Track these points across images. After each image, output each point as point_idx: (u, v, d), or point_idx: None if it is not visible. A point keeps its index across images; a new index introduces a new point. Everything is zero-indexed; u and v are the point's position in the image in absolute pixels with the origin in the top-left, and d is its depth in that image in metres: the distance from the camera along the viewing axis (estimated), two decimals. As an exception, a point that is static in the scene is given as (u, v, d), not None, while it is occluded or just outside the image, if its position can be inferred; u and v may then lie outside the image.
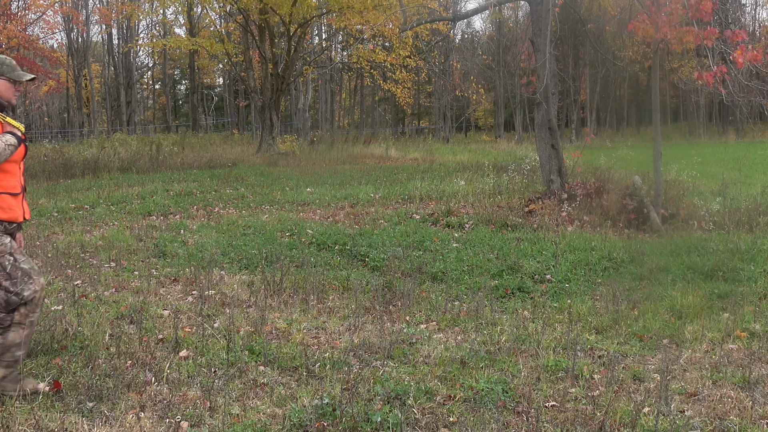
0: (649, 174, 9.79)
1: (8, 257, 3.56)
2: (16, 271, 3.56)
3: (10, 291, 3.53)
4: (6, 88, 3.67)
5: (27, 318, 3.59)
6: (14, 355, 3.59)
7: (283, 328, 4.91)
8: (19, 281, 3.56)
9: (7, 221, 3.58)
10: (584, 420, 3.42)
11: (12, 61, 3.72)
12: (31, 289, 3.57)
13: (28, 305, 3.58)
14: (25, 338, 3.61)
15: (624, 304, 5.48)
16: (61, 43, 42.31)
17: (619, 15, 23.84)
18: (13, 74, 3.68)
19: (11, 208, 3.60)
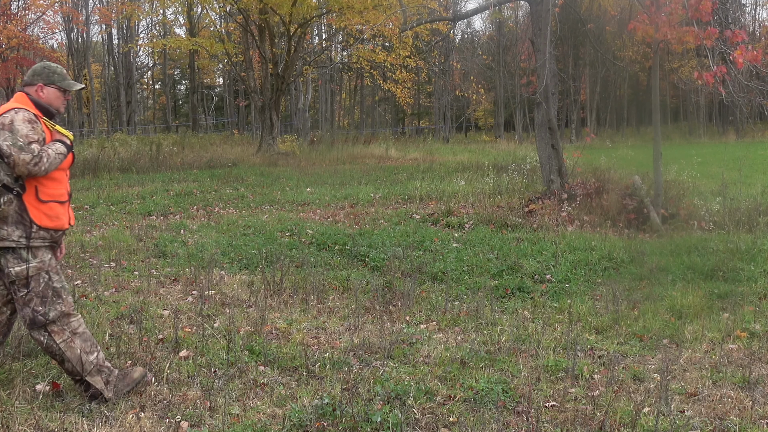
0: (649, 174, 9.79)
1: (44, 275, 3.52)
2: (48, 290, 3.52)
3: (36, 310, 3.49)
4: (56, 96, 3.68)
5: (65, 332, 3.54)
6: (90, 362, 3.56)
7: (283, 328, 4.91)
8: (49, 301, 3.51)
9: (54, 229, 3.56)
10: (584, 420, 3.42)
11: (63, 70, 3.74)
12: (57, 310, 3.52)
13: (57, 323, 3.53)
14: (82, 344, 3.56)
15: (624, 304, 5.48)
16: (61, 43, 42.31)
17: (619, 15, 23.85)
18: (63, 83, 3.70)
19: (58, 216, 3.57)
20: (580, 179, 10.91)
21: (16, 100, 3.61)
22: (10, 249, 3.45)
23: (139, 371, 3.71)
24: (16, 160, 3.34)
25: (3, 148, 3.37)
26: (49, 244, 3.56)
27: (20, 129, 3.41)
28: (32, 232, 3.47)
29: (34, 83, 3.65)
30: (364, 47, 26.73)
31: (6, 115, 3.45)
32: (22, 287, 3.48)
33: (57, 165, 3.50)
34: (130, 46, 36.59)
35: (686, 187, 10.66)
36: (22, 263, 3.46)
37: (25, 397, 3.61)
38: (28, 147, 3.38)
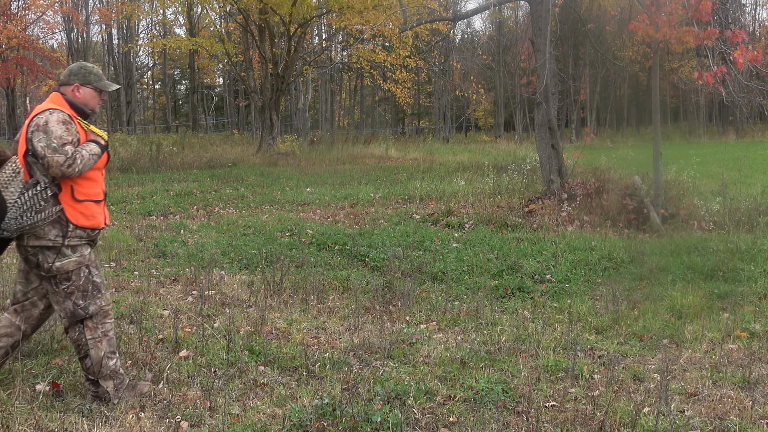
0: (649, 174, 9.79)
1: (84, 269, 3.56)
2: (88, 284, 3.56)
3: (77, 304, 3.53)
4: (92, 96, 3.69)
5: (97, 330, 3.58)
6: (108, 366, 3.59)
7: (283, 328, 4.91)
8: (89, 295, 3.56)
9: (90, 228, 3.59)
10: (584, 420, 3.42)
11: (99, 71, 3.75)
12: (96, 305, 3.57)
13: (94, 318, 3.57)
14: (108, 347, 3.60)
15: (624, 304, 5.48)
16: (61, 43, 42.30)
17: (619, 15, 23.85)
18: (100, 84, 3.71)
19: (94, 216, 3.60)
20: (580, 179, 10.91)
21: (51, 100, 3.63)
22: (47, 247, 3.47)
23: (147, 386, 3.72)
24: (50, 161, 3.37)
25: (37, 149, 3.40)
26: (86, 242, 3.59)
27: (54, 130, 3.42)
28: (68, 231, 3.50)
29: (71, 83, 3.66)
30: (364, 47, 26.73)
31: (41, 116, 3.47)
32: (64, 281, 3.51)
33: (91, 165, 3.52)
34: (130, 46, 36.60)
35: (686, 187, 10.66)
36: (62, 258, 3.49)
37: (25, 397, 3.61)
38: (62, 149, 3.39)
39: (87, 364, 3.58)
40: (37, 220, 3.41)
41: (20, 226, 3.41)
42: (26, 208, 3.40)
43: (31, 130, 3.45)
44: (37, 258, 3.49)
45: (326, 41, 35.59)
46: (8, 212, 3.38)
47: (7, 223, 3.40)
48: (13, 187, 3.40)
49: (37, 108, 3.56)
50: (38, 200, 3.41)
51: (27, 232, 3.44)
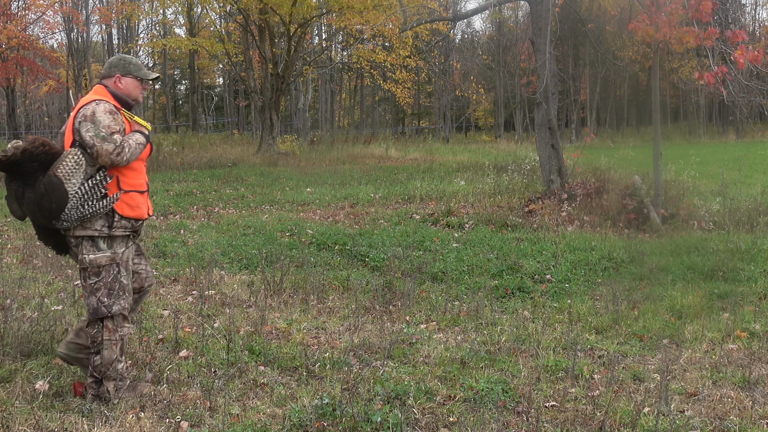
0: (649, 174, 9.79)
1: (115, 267, 3.58)
2: (116, 283, 3.58)
3: (102, 301, 3.55)
4: (134, 86, 3.74)
5: (116, 333, 3.60)
6: (116, 369, 3.61)
7: (283, 328, 4.91)
8: (115, 294, 3.57)
9: (134, 218, 3.63)
10: (584, 420, 3.42)
11: (137, 61, 3.79)
12: (120, 305, 3.59)
13: (114, 319, 3.58)
14: (120, 351, 3.62)
15: (624, 304, 5.48)
16: (61, 43, 42.26)
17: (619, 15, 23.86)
18: (140, 73, 3.75)
19: (138, 206, 3.64)
20: (580, 179, 10.91)
21: (95, 92, 3.66)
22: (90, 237, 3.52)
23: (147, 387, 3.73)
24: (99, 150, 3.41)
25: (86, 138, 3.44)
26: (130, 233, 3.63)
27: (102, 120, 3.46)
28: (114, 222, 3.54)
29: (112, 75, 3.70)
30: (364, 47, 26.73)
31: (88, 107, 3.51)
32: (93, 275, 3.54)
33: (137, 155, 3.57)
34: (130, 46, 36.55)
35: (686, 187, 10.67)
36: (97, 252, 3.53)
37: (25, 397, 3.61)
38: (111, 137, 3.44)
39: (96, 362, 3.58)
40: (98, 208, 3.47)
41: (81, 215, 3.46)
42: (88, 197, 3.45)
43: (78, 121, 3.49)
44: (78, 247, 3.55)
45: (326, 41, 35.58)
46: (69, 202, 3.42)
47: (68, 213, 3.44)
48: (75, 178, 3.43)
49: (82, 100, 3.61)
50: (99, 189, 3.47)
51: (87, 220, 3.49)
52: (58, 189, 3.38)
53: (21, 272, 6.31)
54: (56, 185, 3.38)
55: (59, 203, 3.40)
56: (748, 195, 10.32)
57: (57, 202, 3.39)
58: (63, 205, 3.41)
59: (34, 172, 3.43)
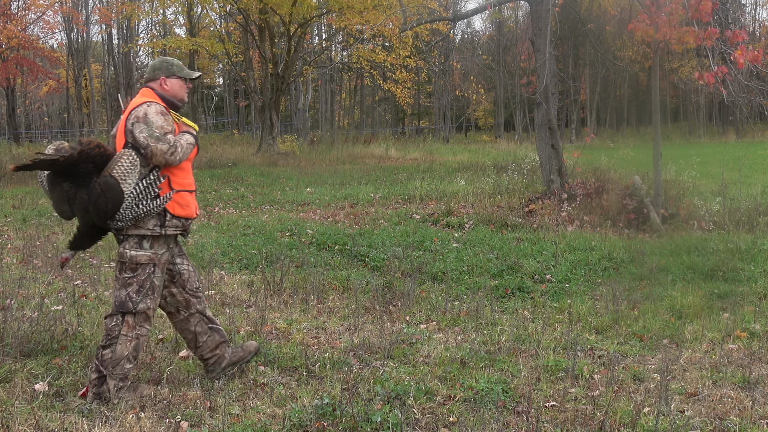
0: (649, 174, 9.79)
1: (151, 267, 3.63)
2: (147, 282, 3.62)
3: (130, 296, 3.60)
4: (179, 86, 3.81)
5: (134, 330, 3.62)
6: (124, 368, 3.62)
7: (283, 328, 4.91)
8: (144, 292, 3.62)
9: (185, 217, 3.70)
10: (584, 420, 3.42)
11: (179, 62, 3.86)
12: (146, 304, 3.63)
13: (137, 317, 3.62)
14: (133, 350, 3.64)
15: (624, 304, 5.48)
16: (61, 43, 42.28)
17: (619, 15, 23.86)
18: (183, 73, 3.82)
19: (188, 205, 3.72)
20: (580, 179, 10.91)
21: (143, 95, 3.73)
22: (142, 235, 3.59)
23: (148, 388, 3.73)
24: (154, 150, 3.48)
25: (140, 139, 3.51)
26: (180, 232, 3.72)
27: (155, 121, 3.53)
28: (166, 221, 3.62)
29: (156, 78, 3.77)
30: (364, 47, 26.71)
31: (139, 109, 3.57)
32: (129, 270, 3.60)
33: (188, 155, 3.64)
34: (130, 46, 36.55)
35: (686, 187, 10.66)
36: (139, 249, 3.59)
37: (25, 397, 3.61)
38: (164, 137, 3.51)
39: (106, 356, 3.59)
40: (152, 207, 3.54)
41: (135, 215, 3.53)
42: (142, 197, 3.51)
43: (131, 122, 3.55)
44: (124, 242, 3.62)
45: (326, 41, 35.57)
46: (125, 202, 3.48)
47: (122, 212, 3.50)
48: (131, 178, 3.49)
49: (132, 103, 3.67)
50: (153, 188, 3.54)
51: (141, 219, 3.56)
52: (115, 189, 3.45)
53: (21, 272, 6.31)
54: (112, 186, 3.44)
55: (115, 203, 3.46)
56: (748, 195, 10.32)
57: (113, 202, 3.46)
58: (119, 204, 3.48)
59: (88, 174, 3.49)
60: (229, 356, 3.92)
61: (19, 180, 14.87)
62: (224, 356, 3.89)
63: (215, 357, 3.89)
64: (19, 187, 13.86)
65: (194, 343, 3.88)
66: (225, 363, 3.89)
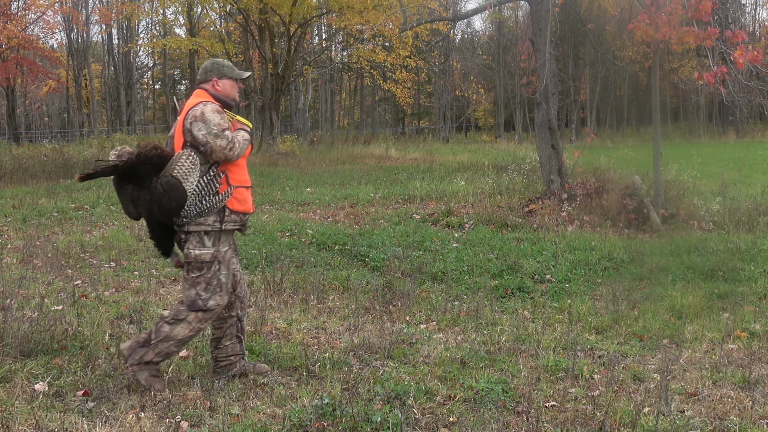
0: (649, 174, 9.79)
1: (216, 264, 3.74)
2: (214, 279, 3.73)
3: (200, 294, 3.71)
4: (231, 86, 3.93)
5: (198, 323, 3.73)
6: (170, 348, 3.74)
7: (283, 328, 4.91)
8: (212, 289, 3.72)
9: (242, 213, 3.83)
10: (584, 420, 3.42)
11: (230, 63, 3.98)
12: (215, 302, 3.73)
13: (206, 313, 3.73)
14: (186, 338, 3.75)
15: (624, 304, 5.48)
16: (61, 43, 42.29)
17: (619, 15, 23.84)
18: (234, 73, 3.94)
19: (246, 200, 3.85)
20: (580, 179, 10.91)
21: (197, 96, 3.84)
22: (198, 233, 3.70)
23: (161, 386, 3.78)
24: (213, 146, 3.62)
25: (199, 137, 3.64)
26: (239, 227, 3.85)
27: (212, 119, 3.66)
28: (225, 216, 3.75)
29: (209, 79, 3.89)
30: (364, 47, 26.72)
31: (195, 108, 3.70)
32: (196, 270, 3.71)
33: (244, 151, 3.76)
34: (130, 46, 36.57)
35: (686, 187, 10.66)
36: (202, 248, 3.71)
37: (25, 397, 3.61)
38: (222, 134, 3.64)
39: (164, 328, 3.69)
40: (215, 203, 3.67)
41: (200, 211, 3.66)
42: (204, 193, 3.65)
43: (189, 122, 3.68)
44: (187, 240, 3.73)
45: (326, 41, 35.58)
46: (188, 199, 3.61)
47: (187, 210, 3.64)
48: (192, 177, 3.62)
49: (188, 103, 3.79)
50: (214, 184, 3.66)
51: (205, 215, 3.67)
52: (177, 188, 3.57)
53: (21, 272, 6.31)
54: (175, 185, 3.57)
55: (179, 201, 3.59)
56: (748, 195, 10.32)
57: (177, 200, 3.59)
58: (182, 203, 3.60)
59: (147, 175, 3.62)
60: (239, 367, 3.96)
61: (19, 180, 14.89)
62: (235, 365, 3.96)
63: (228, 362, 3.94)
64: (19, 187, 13.86)
65: (216, 343, 3.94)
66: (233, 371, 3.94)
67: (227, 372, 3.93)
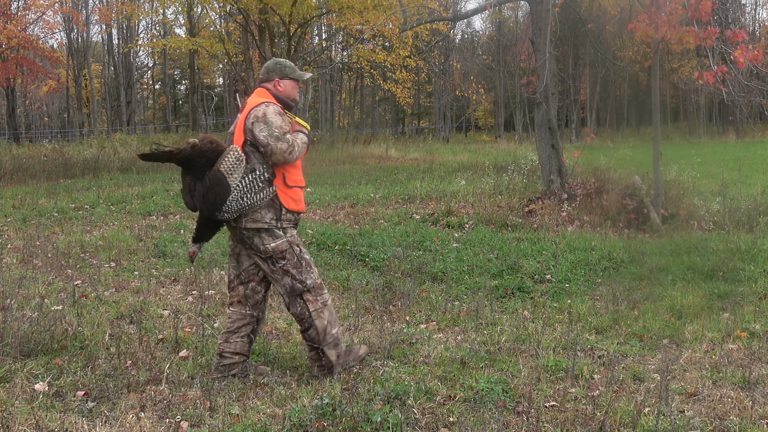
0: (649, 174, 9.79)
1: (296, 247, 3.88)
2: (301, 260, 3.88)
3: (296, 279, 3.84)
4: (292, 87, 4.00)
5: (318, 301, 3.89)
6: (332, 334, 3.91)
7: (283, 328, 4.91)
8: (303, 270, 3.87)
9: (296, 212, 3.92)
10: (584, 420, 3.42)
11: (291, 63, 4.04)
12: (311, 278, 3.89)
13: (312, 291, 3.88)
14: (329, 317, 3.91)
15: (624, 304, 5.48)
16: (61, 43, 42.27)
17: (619, 15, 23.85)
18: (295, 74, 4.01)
19: (300, 200, 3.94)
20: (580, 179, 10.91)
21: (259, 95, 3.91)
22: (263, 229, 3.79)
23: (363, 348, 4.04)
24: (274, 149, 3.71)
25: (260, 138, 3.72)
26: (293, 225, 3.92)
27: (274, 121, 3.75)
28: (281, 215, 3.84)
29: (271, 79, 3.97)
30: (364, 47, 26.71)
31: (258, 109, 3.78)
32: (280, 260, 3.83)
33: (302, 153, 3.86)
34: (130, 46, 36.57)
35: (686, 187, 10.65)
36: (276, 239, 3.82)
37: (25, 397, 3.61)
38: (284, 137, 3.73)
39: (312, 334, 3.86)
40: (255, 201, 3.74)
41: (240, 207, 3.73)
42: (246, 191, 3.72)
43: (250, 121, 3.76)
44: (253, 240, 3.82)
45: (326, 41, 35.58)
46: (231, 195, 3.68)
47: (228, 205, 3.71)
48: (237, 173, 3.70)
49: (251, 102, 3.87)
50: (257, 182, 3.74)
51: (245, 212, 3.76)
52: (222, 183, 3.66)
53: (21, 272, 6.31)
54: (220, 179, 3.66)
55: (222, 196, 3.68)
56: (748, 195, 10.32)
57: (220, 194, 3.67)
58: (225, 197, 3.68)
59: (202, 168, 3.73)
60: (240, 368, 3.97)
61: (19, 180, 14.89)
62: (237, 365, 3.97)
63: (232, 360, 3.95)
64: (19, 187, 13.86)
65: (227, 336, 3.96)
66: (234, 371, 3.95)
67: (228, 371, 3.93)
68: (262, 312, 4.03)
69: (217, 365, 3.97)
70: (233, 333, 3.95)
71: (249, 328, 3.97)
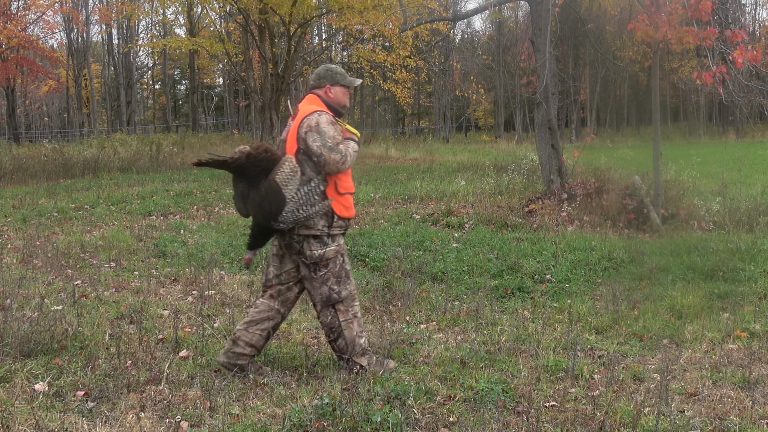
0: (649, 174, 9.79)
1: (340, 257, 3.92)
2: (342, 271, 3.92)
3: (332, 289, 3.88)
4: (343, 94, 4.01)
5: (348, 312, 3.93)
6: (360, 344, 3.95)
7: (283, 328, 4.91)
8: (342, 281, 3.92)
9: (347, 218, 3.96)
10: (584, 420, 3.42)
11: (342, 69, 4.04)
12: (347, 290, 3.93)
13: (345, 302, 3.92)
14: (358, 327, 3.96)
15: (624, 304, 5.48)
16: (61, 43, 42.28)
17: (619, 15, 23.82)
18: (346, 81, 4.03)
19: (351, 207, 3.98)
20: (580, 179, 10.90)
21: (311, 102, 3.92)
22: (313, 236, 3.83)
23: (392, 363, 4.03)
24: (327, 159, 3.73)
25: (313, 148, 3.74)
26: (343, 232, 3.97)
27: (327, 131, 3.76)
28: (333, 222, 3.88)
29: (322, 86, 3.98)
30: (364, 47, 26.70)
31: (311, 117, 3.80)
32: (322, 267, 3.87)
33: (353, 162, 3.85)
34: (130, 46, 36.54)
35: (686, 187, 10.65)
36: (324, 247, 3.86)
37: (25, 397, 3.61)
38: (337, 147, 3.75)
39: (341, 344, 3.94)
40: (311, 213, 3.78)
41: (296, 219, 3.76)
42: (302, 203, 3.75)
43: (303, 130, 3.78)
44: (301, 245, 3.86)
45: (326, 41, 35.56)
46: (287, 206, 3.70)
47: (284, 216, 3.73)
48: (292, 184, 3.72)
49: (303, 110, 3.88)
50: (313, 195, 3.76)
51: (300, 224, 3.79)
52: (277, 194, 3.68)
53: (21, 272, 6.31)
54: (275, 190, 3.68)
55: (278, 206, 3.70)
56: (748, 195, 10.31)
57: (276, 205, 3.70)
58: (281, 208, 3.71)
59: (257, 176, 3.74)
60: (247, 360, 3.97)
61: (19, 180, 14.88)
62: (246, 357, 3.96)
63: (244, 351, 3.94)
64: (19, 187, 13.86)
65: (248, 325, 3.97)
66: (242, 362, 3.95)
67: (236, 359, 3.93)
68: (287, 312, 4.06)
69: (227, 350, 3.96)
70: (255, 324, 3.96)
71: (271, 323, 3.99)
